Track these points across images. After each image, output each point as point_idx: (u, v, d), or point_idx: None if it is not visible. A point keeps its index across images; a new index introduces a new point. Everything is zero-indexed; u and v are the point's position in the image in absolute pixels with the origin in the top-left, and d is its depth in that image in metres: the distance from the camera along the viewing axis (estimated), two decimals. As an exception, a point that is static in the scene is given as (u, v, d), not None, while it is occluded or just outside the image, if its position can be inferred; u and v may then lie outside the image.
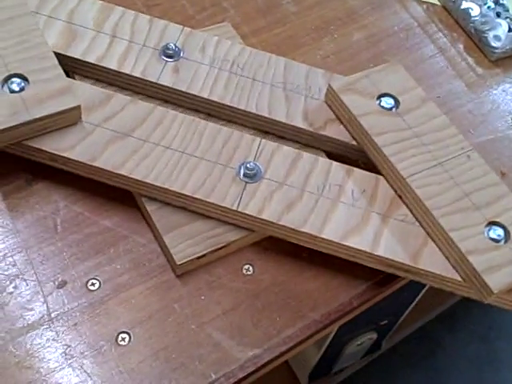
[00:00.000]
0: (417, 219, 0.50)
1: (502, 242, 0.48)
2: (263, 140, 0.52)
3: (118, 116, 0.51)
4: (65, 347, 0.45)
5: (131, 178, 0.49)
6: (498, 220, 0.48)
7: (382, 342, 1.02)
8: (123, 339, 0.46)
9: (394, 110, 0.54)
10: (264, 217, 0.48)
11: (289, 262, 0.51)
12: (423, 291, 0.87)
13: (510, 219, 0.48)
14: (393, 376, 1.15)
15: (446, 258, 0.48)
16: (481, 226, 0.48)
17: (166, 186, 0.48)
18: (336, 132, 0.54)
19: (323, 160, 0.52)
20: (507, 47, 0.65)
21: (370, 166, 0.53)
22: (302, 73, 0.57)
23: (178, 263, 0.48)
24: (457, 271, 0.47)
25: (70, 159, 0.49)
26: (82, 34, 0.55)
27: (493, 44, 0.65)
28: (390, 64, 0.57)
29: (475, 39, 0.67)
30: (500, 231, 0.48)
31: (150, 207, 0.50)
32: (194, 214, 0.50)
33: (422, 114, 0.54)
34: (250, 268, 0.50)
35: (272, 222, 0.48)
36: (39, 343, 0.45)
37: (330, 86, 0.54)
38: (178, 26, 0.57)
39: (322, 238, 0.48)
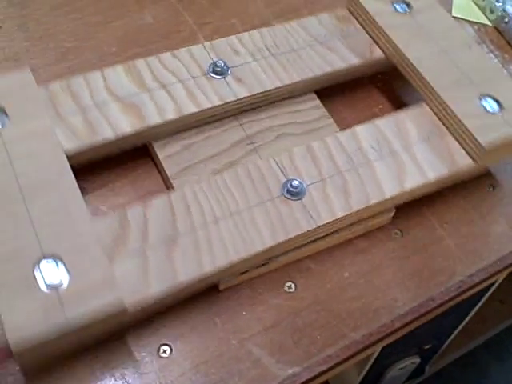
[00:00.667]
0: (426, 102, 0.57)
1: (496, 112, 0.55)
2: (276, 156, 0.52)
3: (149, 225, 0.47)
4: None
5: (218, 270, 0.46)
6: (492, 94, 0.56)
7: (426, 367, 1.00)
8: (165, 351, 0.46)
9: (406, 13, 0.62)
10: (339, 214, 0.49)
11: (331, 280, 0.51)
12: (469, 316, 0.86)
13: (503, 95, 0.56)
14: (436, 402, 1.13)
15: (456, 140, 0.55)
16: (476, 97, 0.56)
17: (251, 253, 0.47)
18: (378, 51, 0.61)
19: (330, 138, 0.54)
20: (560, 69, 0.64)
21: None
22: (316, 24, 0.62)
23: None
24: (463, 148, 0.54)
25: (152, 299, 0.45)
26: (138, 100, 0.53)
27: (545, 66, 0.65)
28: None
29: (527, 61, 0.67)
30: (493, 103, 0.55)
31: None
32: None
33: (431, 16, 0.62)
34: (292, 285, 0.50)
35: (348, 214, 0.50)
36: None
37: None
38: (199, 46, 0.57)
39: (388, 198, 0.51)
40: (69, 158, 0.48)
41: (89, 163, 0.51)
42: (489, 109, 0.55)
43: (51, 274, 0.42)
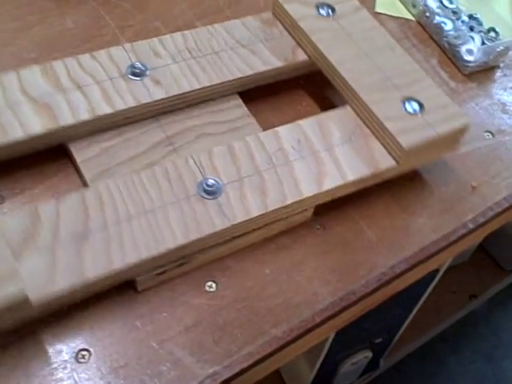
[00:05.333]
0: (349, 105, 0.57)
1: (417, 114, 0.56)
2: (194, 155, 0.52)
3: (61, 222, 0.47)
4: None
5: (128, 267, 0.46)
6: (414, 96, 0.57)
7: (380, 361, 1.01)
8: (83, 356, 0.46)
9: (330, 16, 0.62)
10: (255, 213, 0.49)
11: (252, 278, 0.51)
12: (417, 307, 0.87)
13: (424, 97, 0.57)
14: (394, 396, 1.14)
15: (379, 141, 0.55)
16: (398, 100, 0.56)
17: (162, 251, 0.47)
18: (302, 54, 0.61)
19: (251, 138, 0.54)
20: (480, 61, 0.65)
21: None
22: (240, 26, 0.62)
23: (139, 279, 0.48)
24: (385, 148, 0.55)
25: (58, 296, 0.45)
26: (52, 101, 0.53)
27: (466, 58, 0.65)
28: None
29: (449, 54, 0.67)
30: (415, 105, 0.56)
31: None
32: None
33: (354, 19, 0.62)
34: (213, 285, 0.50)
35: (263, 214, 0.50)
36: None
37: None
38: (118, 47, 0.57)
39: (305, 198, 0.51)
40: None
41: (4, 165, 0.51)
42: (410, 111, 0.56)
43: None
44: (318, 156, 0.53)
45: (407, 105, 0.56)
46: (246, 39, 0.61)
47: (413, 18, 0.71)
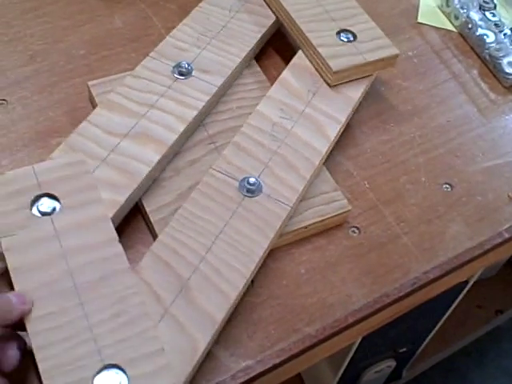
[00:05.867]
0: (290, 34, 0.62)
1: (350, 42, 0.61)
2: (214, 166, 0.52)
3: (156, 287, 0.46)
4: None
5: (239, 292, 0.47)
6: (348, 28, 0.61)
7: (403, 371, 1.01)
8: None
9: None
10: (300, 186, 0.52)
11: (287, 277, 0.52)
12: (443, 319, 0.87)
13: (358, 29, 0.61)
14: (415, 408, 1.13)
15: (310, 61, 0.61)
16: (333, 31, 0.61)
17: (256, 260, 0.48)
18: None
19: (245, 127, 0.55)
20: (521, 73, 0.66)
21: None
22: None
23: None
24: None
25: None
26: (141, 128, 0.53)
27: (507, 70, 0.66)
28: None
29: (490, 66, 0.68)
30: (349, 35, 0.61)
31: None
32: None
33: None
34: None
35: (305, 185, 0.53)
36: None
37: None
38: (147, 59, 0.58)
39: (323, 153, 0.55)
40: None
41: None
42: (344, 40, 0.61)
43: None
44: (305, 114, 0.57)
45: (342, 35, 0.61)
46: (234, 7, 0.64)
47: (455, 30, 0.72)
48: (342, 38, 0.61)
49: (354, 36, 0.61)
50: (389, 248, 0.55)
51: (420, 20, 0.72)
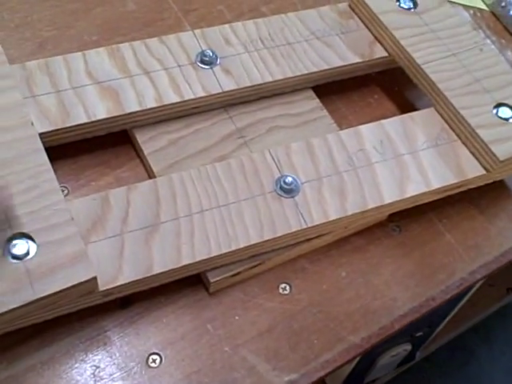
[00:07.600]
0: (435, 107, 0.54)
1: (510, 120, 0.52)
2: (272, 150, 0.50)
3: (131, 210, 0.45)
4: (93, 368, 0.43)
5: (196, 263, 0.45)
6: (506, 102, 0.53)
7: (417, 353, 1.00)
8: (154, 361, 0.44)
9: (412, 10, 0.59)
10: (333, 216, 0.47)
11: (327, 281, 0.49)
12: (460, 304, 0.85)
13: None
14: (426, 385, 1.13)
15: (467, 147, 0.52)
16: (490, 106, 0.53)
17: (233, 248, 0.45)
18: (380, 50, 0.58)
19: (331, 136, 0.51)
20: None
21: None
22: (316, 17, 0.58)
23: (212, 280, 0.46)
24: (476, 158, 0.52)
25: (123, 285, 0.43)
26: (118, 86, 0.51)
27: (544, 51, 0.62)
28: None
29: (525, 46, 0.64)
30: (508, 111, 0.53)
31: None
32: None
33: (438, 14, 0.59)
34: (287, 287, 0.48)
35: (342, 218, 0.47)
36: (67, 363, 0.43)
37: None
38: (187, 33, 0.55)
39: (386, 204, 0.49)
40: (41, 139, 0.46)
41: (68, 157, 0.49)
42: (503, 117, 0.52)
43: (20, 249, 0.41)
44: (401, 159, 0.50)
45: (499, 111, 0.53)
46: (322, 31, 0.57)
47: (486, 8, 0.68)
48: (500, 114, 0.53)
49: None
50: (432, 246, 0.52)
51: (450, -3, 0.68)
